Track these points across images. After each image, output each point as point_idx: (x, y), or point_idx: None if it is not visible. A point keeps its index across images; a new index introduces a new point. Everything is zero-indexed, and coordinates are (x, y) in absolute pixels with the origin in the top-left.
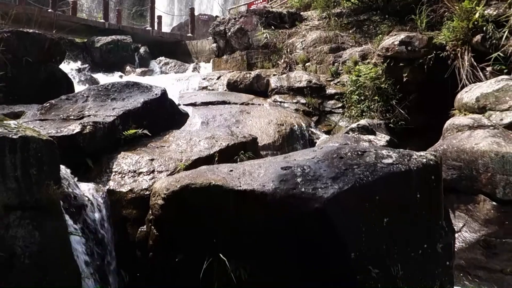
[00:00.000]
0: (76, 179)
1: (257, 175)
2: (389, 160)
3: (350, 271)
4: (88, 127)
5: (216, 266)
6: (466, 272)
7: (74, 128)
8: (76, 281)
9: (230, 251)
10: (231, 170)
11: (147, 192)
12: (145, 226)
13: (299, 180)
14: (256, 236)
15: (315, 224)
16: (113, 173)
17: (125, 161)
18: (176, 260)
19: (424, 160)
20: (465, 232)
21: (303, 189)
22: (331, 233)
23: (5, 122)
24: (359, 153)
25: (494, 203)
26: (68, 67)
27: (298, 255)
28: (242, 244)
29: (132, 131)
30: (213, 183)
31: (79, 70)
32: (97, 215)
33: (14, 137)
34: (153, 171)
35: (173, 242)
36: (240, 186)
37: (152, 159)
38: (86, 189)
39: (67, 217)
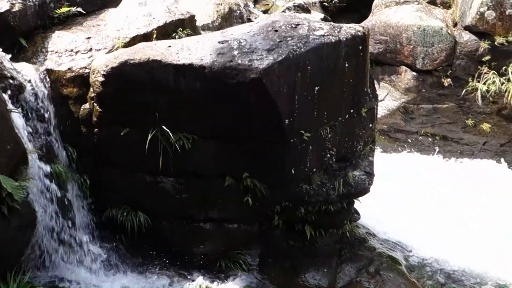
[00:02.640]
0: (11, 59)
1: (195, 49)
2: (321, 32)
3: (284, 135)
4: (17, 4)
5: (160, 137)
6: (387, 135)
7: (2, 6)
8: (21, 155)
9: (173, 123)
10: (170, 46)
11: (87, 70)
12: (88, 104)
13: (235, 52)
14: (196, 107)
15: (252, 94)
16: (50, 53)
17: (60, 40)
18: (121, 134)
19: (353, 31)
20: (388, 100)
21: (239, 61)
22: (267, 102)
23: None
24: (293, 26)
25: (413, 73)
26: None
27: (237, 123)
28: (183, 116)
29: (65, 9)
30: (152, 58)
31: None
32: (37, 94)
33: None
34: (90, 50)
35: (117, 118)
36: (179, 61)
37: (89, 38)
38: (23, 68)
39: (5, 95)
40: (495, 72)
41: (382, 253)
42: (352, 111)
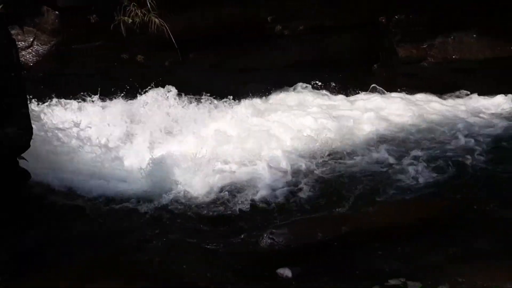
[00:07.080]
0: None
1: None
2: None
3: None
4: None
5: None
6: (45, 82)
7: None
8: None
9: None
10: None
11: None
12: None
13: None
14: None
15: None
16: None
17: None
18: None
19: None
20: (36, 45)
21: None
22: None
23: None
24: None
25: (57, 12)
26: None
27: None
28: None
29: None
30: None
31: None
32: None
33: None
34: None
35: None
36: None
37: None
38: None
39: None
40: (135, 4)
41: (66, 204)
42: None
